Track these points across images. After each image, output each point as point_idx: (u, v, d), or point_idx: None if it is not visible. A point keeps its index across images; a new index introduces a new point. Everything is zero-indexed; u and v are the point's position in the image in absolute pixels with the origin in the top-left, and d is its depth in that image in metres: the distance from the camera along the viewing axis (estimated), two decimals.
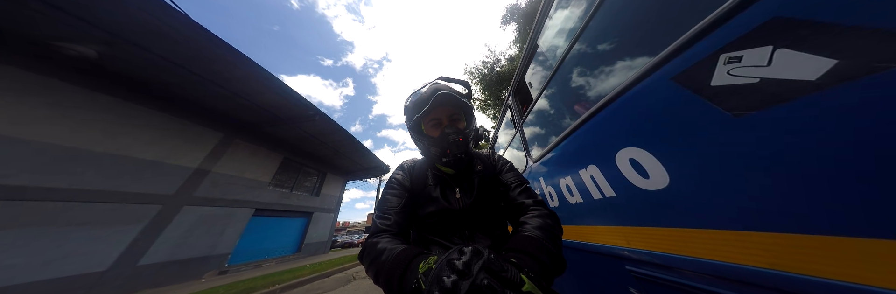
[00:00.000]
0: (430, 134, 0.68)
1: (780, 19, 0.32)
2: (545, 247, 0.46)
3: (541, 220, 0.55)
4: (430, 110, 0.63)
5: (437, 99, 0.61)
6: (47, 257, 3.84)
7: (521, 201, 0.64)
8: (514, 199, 0.66)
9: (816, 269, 0.31)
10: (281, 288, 4.29)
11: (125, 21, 3.55)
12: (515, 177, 0.72)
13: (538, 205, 0.62)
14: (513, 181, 0.70)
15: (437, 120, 0.66)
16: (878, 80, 0.25)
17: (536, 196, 0.66)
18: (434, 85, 0.66)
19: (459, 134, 0.64)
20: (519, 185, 0.69)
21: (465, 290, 0.29)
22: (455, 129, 0.64)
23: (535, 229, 0.51)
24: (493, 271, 0.32)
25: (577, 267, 0.99)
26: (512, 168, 0.77)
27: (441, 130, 0.65)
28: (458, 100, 0.64)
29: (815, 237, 0.31)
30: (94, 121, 4.45)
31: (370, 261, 0.49)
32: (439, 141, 0.64)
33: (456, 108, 0.66)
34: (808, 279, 0.31)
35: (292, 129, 7.26)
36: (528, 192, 0.67)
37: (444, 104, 0.63)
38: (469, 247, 0.36)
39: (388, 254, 0.46)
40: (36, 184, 3.82)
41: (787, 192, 0.32)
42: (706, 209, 0.44)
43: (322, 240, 11.03)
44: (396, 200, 0.67)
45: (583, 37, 0.85)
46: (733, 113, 0.38)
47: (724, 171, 0.40)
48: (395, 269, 0.42)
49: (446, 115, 0.66)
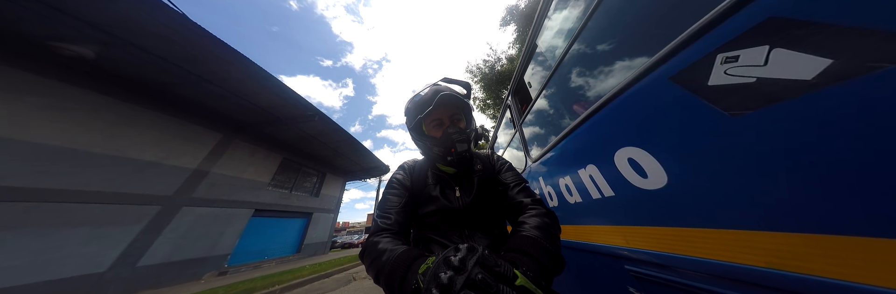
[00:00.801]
0: (431, 134, 0.69)
1: (776, 19, 0.33)
2: (543, 246, 0.47)
3: (539, 219, 0.55)
4: (432, 111, 0.64)
5: (440, 99, 0.62)
6: (46, 258, 3.83)
7: (519, 200, 0.65)
8: (513, 198, 0.66)
9: (814, 268, 0.31)
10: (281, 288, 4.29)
11: (122, 21, 3.54)
12: (514, 176, 0.73)
13: (536, 204, 0.63)
14: (512, 180, 0.71)
15: (439, 120, 0.67)
16: (872, 80, 0.25)
17: (535, 195, 0.67)
18: (435, 86, 0.67)
19: (462, 133, 0.65)
20: (517, 184, 0.70)
21: (461, 285, 0.30)
22: (457, 128, 0.66)
23: (533, 229, 0.52)
24: (487, 266, 0.33)
25: (576, 266, 0.99)
26: (511, 167, 0.77)
27: (443, 130, 0.66)
28: (460, 100, 0.66)
29: (812, 236, 0.31)
30: (92, 121, 4.44)
31: (371, 260, 0.49)
32: (443, 141, 0.65)
33: (457, 109, 0.68)
34: (806, 278, 0.31)
35: (291, 129, 7.25)
36: (526, 192, 0.68)
37: (446, 105, 0.65)
38: (465, 244, 0.37)
39: (389, 254, 0.47)
40: (34, 185, 3.81)
41: (784, 191, 0.33)
42: (704, 208, 0.44)
43: (322, 240, 11.02)
44: (397, 200, 0.68)
45: (581, 37, 0.85)
46: (730, 112, 0.38)
47: (721, 171, 0.40)
48: (396, 270, 0.43)
49: (447, 115, 0.67)
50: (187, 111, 5.83)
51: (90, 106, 4.46)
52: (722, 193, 0.40)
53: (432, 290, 0.30)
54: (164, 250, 5.13)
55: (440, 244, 0.67)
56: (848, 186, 0.27)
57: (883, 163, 0.25)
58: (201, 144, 6.11)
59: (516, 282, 0.33)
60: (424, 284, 0.33)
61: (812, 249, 0.31)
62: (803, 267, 0.32)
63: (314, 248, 10.43)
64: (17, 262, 3.61)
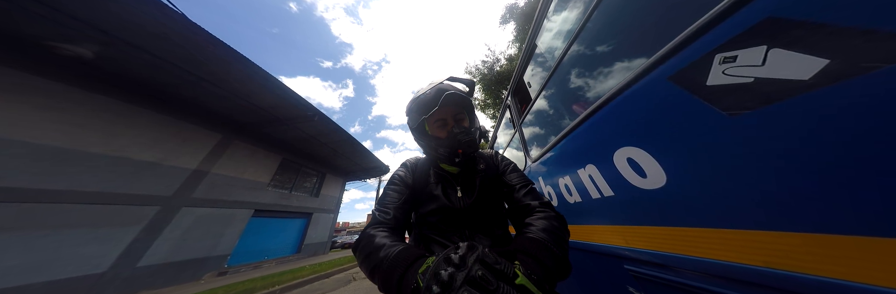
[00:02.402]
0: (435, 135, 0.68)
1: (774, 19, 0.33)
2: (549, 249, 0.45)
3: (547, 222, 0.54)
4: (437, 111, 0.64)
5: (445, 99, 0.61)
6: (45, 259, 3.82)
7: (527, 203, 0.63)
8: (520, 201, 0.65)
9: (811, 268, 0.31)
10: (281, 289, 4.28)
11: (121, 21, 3.53)
12: (520, 177, 0.72)
13: (545, 206, 0.61)
14: (517, 182, 0.69)
15: (443, 120, 0.66)
16: (869, 80, 0.25)
17: (542, 197, 0.65)
18: (439, 85, 0.66)
19: (468, 134, 0.64)
20: (524, 186, 0.68)
21: (461, 282, 0.30)
22: (462, 128, 0.65)
23: (540, 231, 0.50)
24: (487, 264, 0.33)
25: (576, 266, 0.99)
26: (516, 169, 0.76)
27: (448, 131, 0.66)
28: (465, 99, 0.65)
29: (810, 235, 0.31)
30: (91, 122, 4.43)
31: (366, 255, 0.48)
32: (449, 141, 0.64)
33: (461, 108, 0.67)
34: (804, 277, 0.31)
35: (291, 129, 7.24)
36: (533, 194, 0.66)
37: (451, 104, 0.64)
38: (465, 242, 0.37)
39: (387, 251, 0.46)
40: (33, 185, 3.80)
41: (782, 190, 0.33)
42: (703, 208, 0.44)
43: (322, 240, 11.01)
44: (397, 196, 0.68)
45: (580, 37, 0.85)
46: (729, 112, 0.38)
47: (720, 170, 0.40)
48: (394, 269, 0.42)
49: (451, 114, 0.66)
50: (187, 111, 5.82)
51: (89, 106, 4.45)
52: (721, 193, 0.40)
53: (433, 287, 0.30)
54: (164, 251, 5.12)
55: (440, 244, 0.66)
56: (846, 186, 0.27)
57: (881, 162, 0.25)
58: (200, 145, 6.10)
59: (516, 280, 0.33)
60: (424, 282, 0.33)
61: (810, 249, 0.31)
62: (801, 266, 0.32)
63: (314, 248, 10.42)
64: (16, 263, 3.60)
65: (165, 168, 5.33)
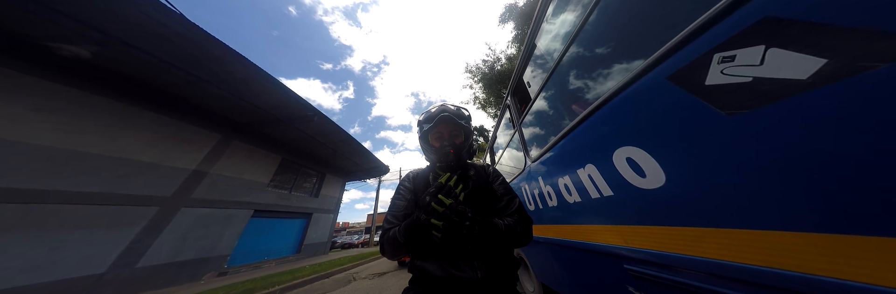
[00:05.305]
0: (433, 144, 0.81)
1: (771, 19, 0.33)
2: (497, 225, 0.62)
3: (512, 221, 0.67)
4: (433, 127, 0.78)
5: (439, 120, 0.77)
6: (45, 260, 3.81)
7: (503, 208, 0.75)
8: (499, 207, 0.76)
9: (810, 267, 0.31)
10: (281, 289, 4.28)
11: (119, 20, 3.52)
12: (503, 187, 0.81)
13: (518, 213, 0.72)
14: (502, 191, 0.80)
15: (440, 133, 0.80)
16: (867, 79, 0.25)
17: (519, 206, 0.75)
18: (442, 106, 0.82)
19: (452, 146, 0.77)
20: (505, 194, 0.78)
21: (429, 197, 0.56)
22: (451, 142, 0.78)
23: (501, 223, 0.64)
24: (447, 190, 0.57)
25: (576, 266, 0.99)
26: (503, 181, 0.85)
27: (441, 143, 0.80)
28: (456, 122, 0.78)
29: (808, 234, 0.31)
30: (89, 122, 4.42)
31: (392, 242, 0.64)
32: (437, 150, 0.78)
33: (454, 126, 0.80)
34: (802, 276, 0.32)
35: (291, 129, 7.23)
36: (513, 203, 0.76)
37: (444, 123, 0.78)
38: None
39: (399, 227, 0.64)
40: (32, 186, 3.79)
41: (780, 189, 0.33)
42: (702, 207, 0.44)
43: (322, 240, 11.00)
44: (402, 204, 0.78)
45: (579, 37, 0.85)
46: (727, 112, 0.38)
47: (719, 170, 0.40)
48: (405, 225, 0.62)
49: (448, 130, 0.80)
50: (186, 111, 5.80)
51: (87, 107, 4.44)
52: (720, 192, 0.41)
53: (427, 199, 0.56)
54: (164, 251, 5.10)
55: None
56: (845, 185, 0.27)
57: (880, 161, 0.25)
58: (200, 145, 6.08)
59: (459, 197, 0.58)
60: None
61: (808, 248, 0.31)
62: (800, 266, 0.32)
63: (314, 248, 10.40)
64: (15, 263, 3.59)
65: (165, 168, 5.32)
